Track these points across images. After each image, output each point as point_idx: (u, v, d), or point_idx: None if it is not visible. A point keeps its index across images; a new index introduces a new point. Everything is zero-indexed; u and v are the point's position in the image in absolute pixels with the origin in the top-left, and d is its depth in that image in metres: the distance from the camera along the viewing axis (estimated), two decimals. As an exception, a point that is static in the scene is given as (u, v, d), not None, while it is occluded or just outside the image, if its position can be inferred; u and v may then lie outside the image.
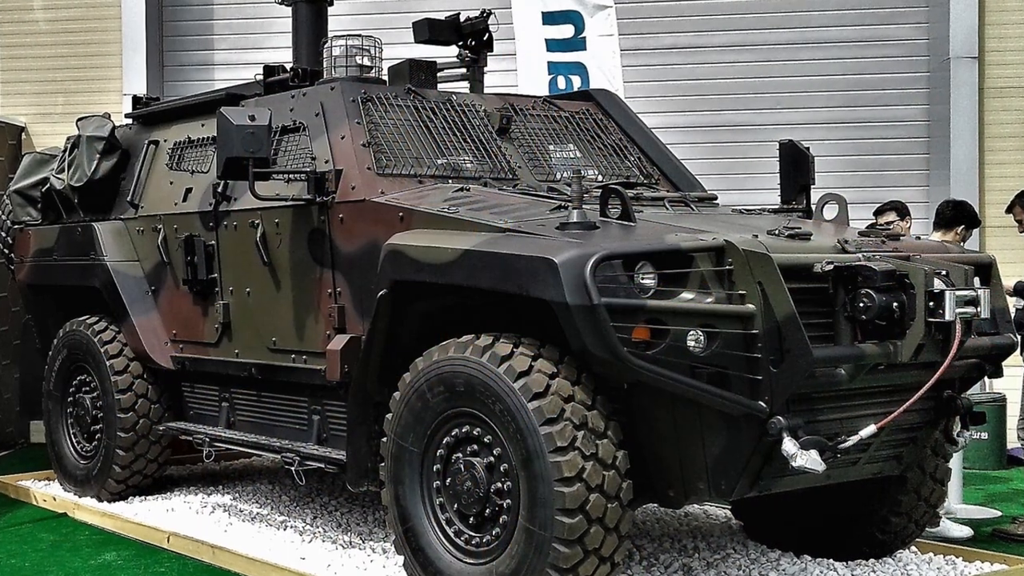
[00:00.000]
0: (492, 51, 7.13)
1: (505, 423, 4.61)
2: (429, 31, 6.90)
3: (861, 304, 4.58)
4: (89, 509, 7.27)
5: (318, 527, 6.61)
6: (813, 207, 5.88)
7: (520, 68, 8.76)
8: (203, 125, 6.99)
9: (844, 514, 5.74)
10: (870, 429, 4.69)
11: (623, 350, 4.32)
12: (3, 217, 8.62)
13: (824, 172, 7.17)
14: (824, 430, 4.69)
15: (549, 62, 8.72)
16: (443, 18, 7.01)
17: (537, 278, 4.45)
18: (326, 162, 5.84)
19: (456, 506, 4.92)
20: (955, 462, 6.87)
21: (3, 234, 8.63)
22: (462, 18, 7.01)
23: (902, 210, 7.47)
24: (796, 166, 6.11)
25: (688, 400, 4.58)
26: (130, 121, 7.89)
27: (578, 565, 4.49)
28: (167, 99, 8.35)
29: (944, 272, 4.77)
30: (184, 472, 8.42)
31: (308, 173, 5.78)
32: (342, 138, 5.84)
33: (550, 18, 8.73)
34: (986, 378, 5.41)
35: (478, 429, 4.80)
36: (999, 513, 7.38)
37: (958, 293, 4.65)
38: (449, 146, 6.01)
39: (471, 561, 4.87)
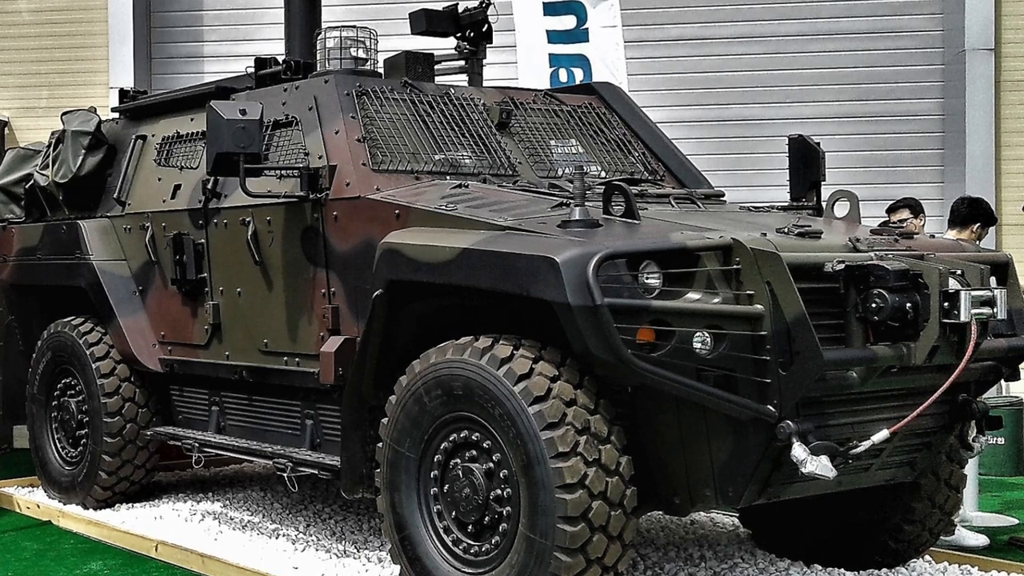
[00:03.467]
0: (491, 43, 7.13)
1: (505, 428, 4.61)
2: (426, 22, 6.90)
3: (873, 305, 4.58)
4: (74, 517, 7.27)
5: (311, 535, 6.61)
6: (823, 204, 5.88)
7: (520, 60, 8.77)
8: (192, 119, 6.99)
9: (856, 522, 5.74)
10: (883, 434, 4.69)
11: (627, 352, 4.32)
12: (-15, 214, 8.64)
13: (835, 168, 7.18)
14: (835, 435, 4.70)
15: (550, 54, 8.73)
16: (441, 9, 7.02)
17: (538, 278, 4.45)
18: (320, 158, 5.84)
19: (454, 514, 4.92)
20: (970, 468, 6.86)
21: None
22: (460, 9, 7.01)
23: (916, 207, 7.47)
24: (806, 162, 6.12)
25: (694, 404, 4.58)
26: (117, 115, 7.89)
27: (580, 575, 4.49)
28: (155, 93, 8.36)
29: (959, 272, 4.77)
30: (173, 479, 8.42)
31: (301, 169, 5.78)
32: (336, 133, 5.84)
33: (551, 9, 8.74)
34: (1003, 381, 5.41)
35: (477, 434, 4.80)
36: (1016, 521, 7.39)
37: (974, 293, 4.65)
38: (447, 141, 6.01)
39: (470, 571, 4.87)
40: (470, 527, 4.87)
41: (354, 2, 10.27)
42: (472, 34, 7.05)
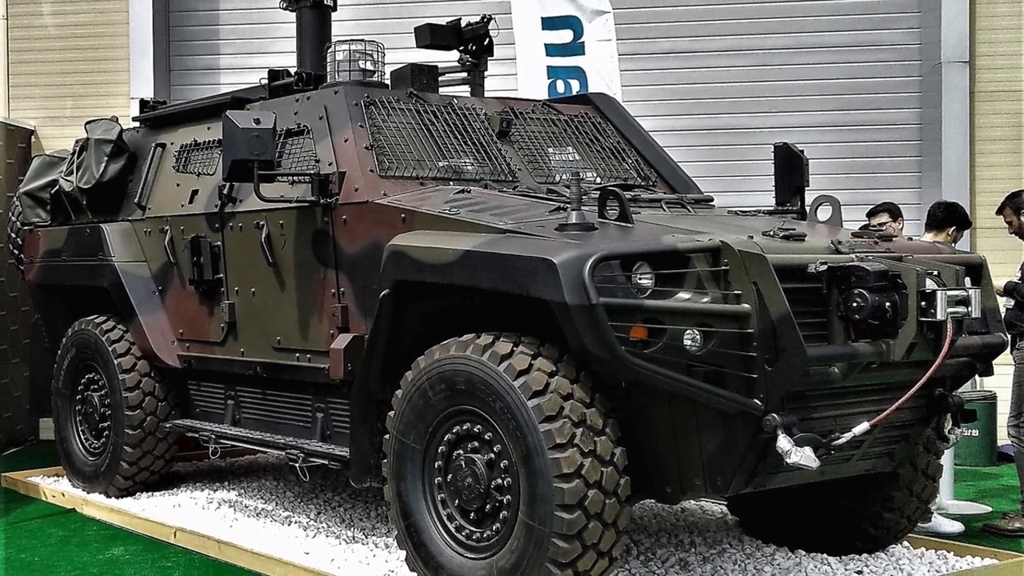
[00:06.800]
0: (492, 56, 7.13)
1: (505, 420, 4.60)
2: (431, 36, 6.90)
3: (854, 304, 4.58)
4: (97, 505, 7.28)
5: (322, 522, 6.60)
6: (807, 209, 5.88)
7: (520, 72, 8.76)
8: (209, 128, 6.99)
9: (838, 510, 5.74)
10: (863, 426, 4.69)
11: (621, 349, 4.32)
12: (13, 218, 8.63)
13: (818, 174, 7.18)
14: (818, 427, 4.69)
15: (548, 66, 8.72)
16: (444, 23, 7.01)
17: (537, 278, 4.45)
18: (329, 164, 5.84)
19: (457, 502, 4.92)
20: (946, 459, 6.86)
21: (13, 235, 8.64)
22: (463, 23, 7.01)
23: (894, 211, 7.47)
24: (791, 168, 6.11)
25: (685, 398, 4.58)
26: (137, 124, 7.89)
27: (577, 560, 4.49)
28: (174, 103, 8.34)
29: (936, 272, 4.77)
30: (190, 468, 8.42)
31: (312, 175, 5.78)
32: (345, 141, 5.84)
33: (549, 23, 8.73)
34: (977, 376, 5.40)
35: (479, 426, 4.80)
36: (990, 509, 7.38)
37: (949, 293, 4.64)
38: (450, 149, 6.01)
39: (472, 556, 4.87)
40: (472, 514, 4.87)
41: (362, 17, 10.26)
42: (474, 47, 7.05)
